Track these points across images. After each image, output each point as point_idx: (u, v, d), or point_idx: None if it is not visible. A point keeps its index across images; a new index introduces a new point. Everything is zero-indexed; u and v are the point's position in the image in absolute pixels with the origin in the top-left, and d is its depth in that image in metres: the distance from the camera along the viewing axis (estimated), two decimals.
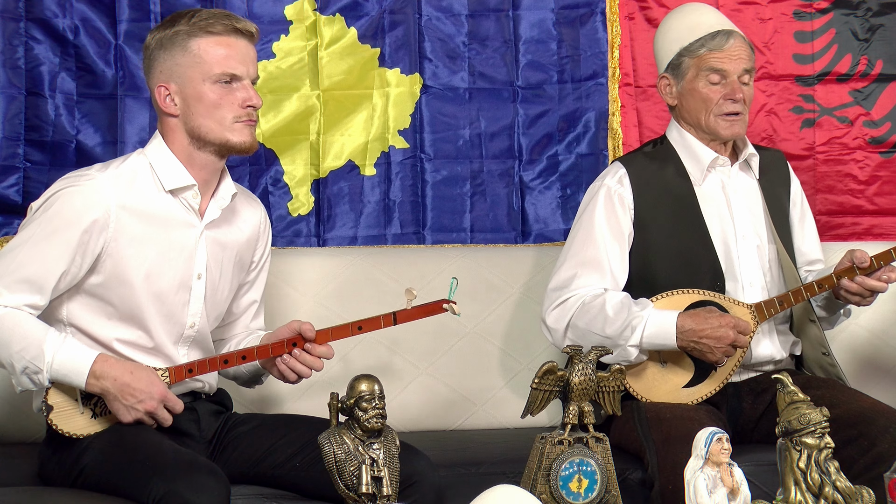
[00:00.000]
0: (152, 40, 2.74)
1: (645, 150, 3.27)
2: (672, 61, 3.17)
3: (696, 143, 3.18)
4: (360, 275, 3.44)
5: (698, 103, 3.14)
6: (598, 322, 3.04)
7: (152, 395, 2.62)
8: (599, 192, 3.17)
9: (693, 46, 3.13)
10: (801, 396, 2.35)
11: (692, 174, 3.18)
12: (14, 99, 3.52)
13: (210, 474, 2.48)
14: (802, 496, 2.30)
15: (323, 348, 2.74)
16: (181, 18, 2.72)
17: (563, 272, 3.15)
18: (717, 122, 3.13)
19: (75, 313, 2.70)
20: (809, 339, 3.20)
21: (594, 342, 3.00)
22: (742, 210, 3.19)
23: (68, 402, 2.64)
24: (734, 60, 3.11)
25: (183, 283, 2.74)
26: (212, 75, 2.69)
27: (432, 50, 3.75)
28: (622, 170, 3.18)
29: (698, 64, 3.13)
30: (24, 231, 2.67)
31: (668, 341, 3.00)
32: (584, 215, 3.19)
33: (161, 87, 2.71)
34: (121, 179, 2.70)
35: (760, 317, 3.07)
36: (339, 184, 3.70)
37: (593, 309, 3.06)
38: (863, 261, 3.06)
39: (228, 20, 2.72)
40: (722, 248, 3.14)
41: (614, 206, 3.15)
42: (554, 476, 2.45)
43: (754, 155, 3.23)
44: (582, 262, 3.13)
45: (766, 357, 3.16)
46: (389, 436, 2.42)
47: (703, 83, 3.12)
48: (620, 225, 3.14)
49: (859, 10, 3.90)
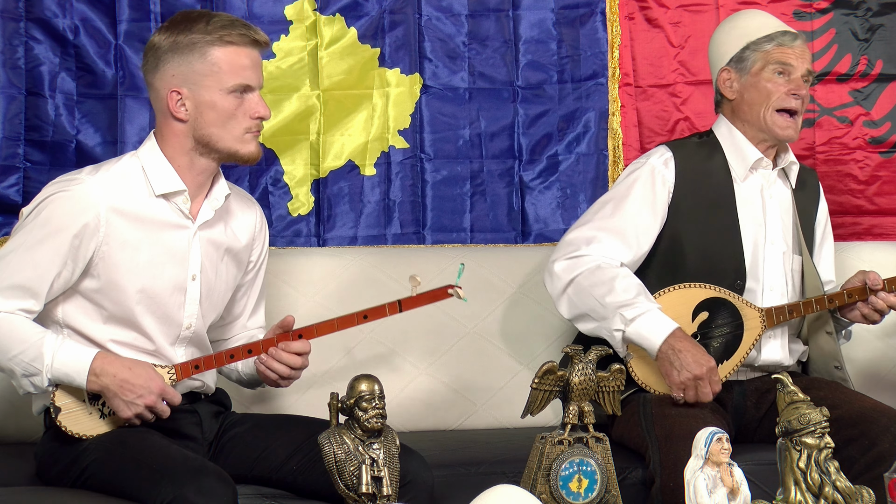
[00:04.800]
0: (164, 42, 2.70)
1: (692, 139, 3.27)
2: (737, 55, 3.18)
3: (743, 141, 3.19)
4: (360, 275, 3.44)
5: (761, 96, 3.15)
6: (602, 288, 3.02)
7: (151, 390, 2.62)
8: (643, 168, 3.17)
9: (761, 41, 3.15)
10: (801, 396, 2.35)
11: (735, 171, 3.18)
12: (14, 99, 3.52)
13: (218, 479, 2.48)
14: (802, 496, 2.30)
15: (297, 344, 2.73)
16: (196, 23, 2.69)
17: (586, 230, 3.13)
18: (775, 117, 3.14)
19: (71, 315, 2.70)
20: (821, 351, 3.21)
21: (588, 306, 3.03)
22: (775, 216, 3.19)
23: (76, 404, 2.64)
24: (801, 59, 3.15)
25: (177, 286, 2.74)
26: (228, 86, 2.68)
27: (432, 50, 3.75)
28: (668, 153, 3.19)
29: (766, 57, 3.14)
30: (15, 237, 2.67)
31: (653, 341, 2.97)
32: (620, 185, 3.18)
33: (173, 93, 2.69)
34: (111, 183, 2.69)
35: (769, 322, 3.08)
36: (339, 184, 3.71)
37: (604, 275, 3.04)
38: (876, 283, 3.11)
39: (247, 30, 2.70)
40: (750, 249, 3.15)
41: (655, 185, 3.15)
42: (554, 476, 2.45)
43: (794, 164, 3.25)
44: (607, 228, 3.12)
45: (774, 362, 3.16)
46: (389, 436, 2.42)
47: (768, 75, 3.14)
48: (657, 203, 3.14)
49: (859, 10, 3.91)
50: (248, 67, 2.70)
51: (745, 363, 3.12)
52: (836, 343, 3.19)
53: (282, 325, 2.75)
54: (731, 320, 3.08)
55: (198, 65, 2.68)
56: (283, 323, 2.75)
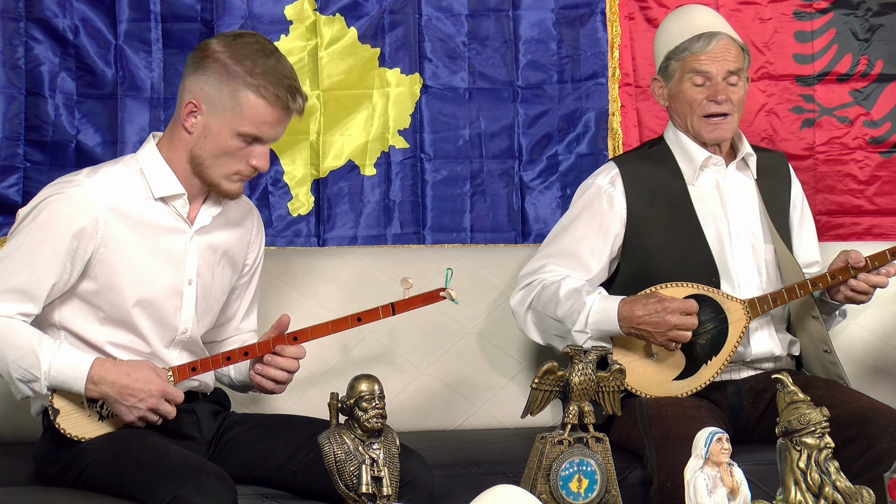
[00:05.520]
0: (218, 54, 2.65)
1: (640, 150, 3.31)
2: (662, 65, 3.22)
3: (689, 144, 3.21)
4: (360, 275, 3.44)
5: (684, 105, 3.18)
6: (551, 305, 3.08)
7: (152, 392, 2.62)
8: (590, 191, 3.22)
9: (678, 50, 3.17)
10: (801, 396, 2.35)
11: (685, 173, 3.20)
12: (14, 99, 3.52)
13: (218, 479, 2.48)
14: (802, 496, 2.30)
15: (292, 349, 2.73)
16: (250, 58, 2.64)
17: (536, 261, 3.21)
18: (700, 124, 3.17)
19: (67, 317, 2.69)
20: (810, 337, 3.20)
21: (550, 326, 3.09)
22: (736, 209, 3.20)
23: (74, 406, 2.63)
24: (717, 62, 3.13)
25: (174, 290, 2.74)
26: (240, 130, 2.66)
27: (432, 50, 3.75)
28: (615, 170, 3.21)
29: (682, 66, 3.16)
30: (13, 240, 2.66)
31: (613, 327, 3.02)
32: (570, 210, 3.25)
33: (191, 103, 2.67)
34: (110, 185, 2.68)
35: (753, 313, 3.08)
36: (339, 184, 3.70)
37: (549, 291, 3.10)
38: (858, 261, 3.09)
39: (287, 94, 2.65)
40: (716, 247, 3.15)
41: (601, 205, 3.18)
42: (554, 476, 2.45)
43: (752, 154, 3.25)
44: (554, 253, 3.18)
45: (766, 353, 3.16)
46: (389, 436, 2.42)
47: (687, 85, 3.16)
48: (604, 223, 3.16)
49: (859, 10, 3.90)
50: (268, 124, 2.67)
51: (737, 358, 3.12)
52: (822, 327, 3.18)
53: (277, 326, 2.75)
54: (715, 315, 3.08)
55: (227, 96, 2.65)
56: (279, 324, 2.75)
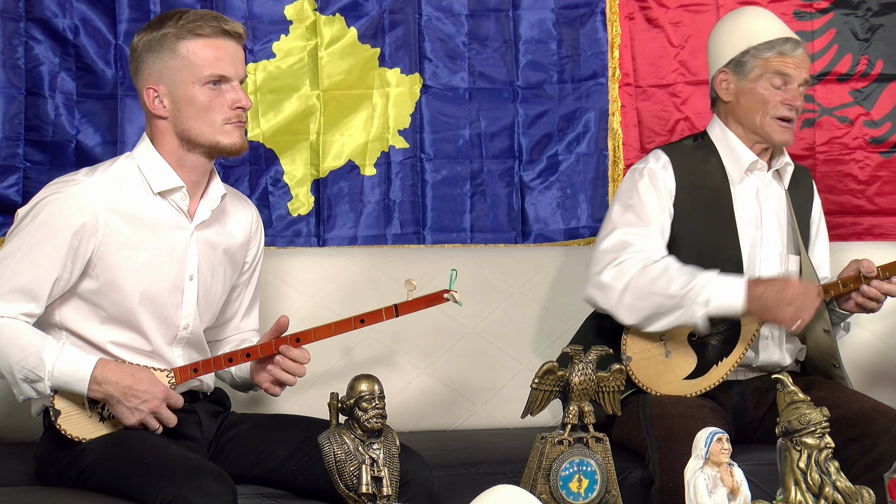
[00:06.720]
0: (139, 42, 2.72)
1: (686, 142, 3.27)
2: (736, 58, 3.17)
3: (737, 143, 3.19)
4: (360, 275, 3.44)
5: (756, 104, 3.15)
6: (662, 281, 3.03)
7: (155, 395, 2.62)
8: (643, 172, 3.17)
9: (762, 47, 3.14)
10: (801, 396, 2.35)
11: (731, 173, 3.18)
12: (14, 99, 3.52)
13: (218, 479, 2.48)
14: (802, 496, 2.30)
15: (297, 352, 2.73)
16: (168, 20, 2.71)
17: (615, 237, 3.13)
18: (772, 125, 3.14)
19: (68, 317, 2.69)
20: (820, 350, 3.20)
21: (654, 304, 3.02)
22: (771, 217, 3.19)
23: (75, 407, 2.63)
24: (800, 69, 3.14)
25: (175, 286, 2.74)
26: (201, 77, 2.68)
27: (432, 50, 3.75)
28: (665, 157, 3.19)
29: (765, 65, 3.14)
30: (13, 240, 2.66)
31: (737, 307, 3.01)
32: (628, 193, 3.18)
33: (150, 90, 2.70)
34: (108, 183, 2.69)
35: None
36: (339, 184, 3.70)
37: (655, 270, 3.05)
38: (870, 271, 3.10)
39: (217, 22, 2.70)
40: (747, 251, 3.15)
41: (658, 187, 3.15)
42: (554, 476, 2.45)
43: (789, 164, 3.25)
44: (633, 233, 3.12)
45: (773, 363, 3.16)
46: (389, 436, 2.42)
47: (765, 84, 3.14)
48: (663, 203, 3.14)
49: (859, 10, 3.90)
50: (220, 58, 2.69)
51: (744, 363, 3.12)
52: (833, 342, 3.18)
53: (277, 327, 2.75)
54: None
55: (170, 60, 2.68)
56: (278, 325, 2.75)
